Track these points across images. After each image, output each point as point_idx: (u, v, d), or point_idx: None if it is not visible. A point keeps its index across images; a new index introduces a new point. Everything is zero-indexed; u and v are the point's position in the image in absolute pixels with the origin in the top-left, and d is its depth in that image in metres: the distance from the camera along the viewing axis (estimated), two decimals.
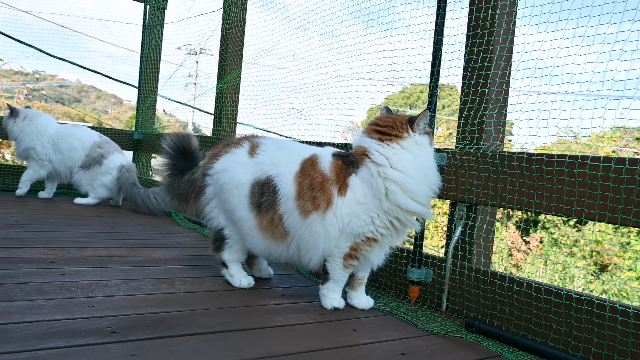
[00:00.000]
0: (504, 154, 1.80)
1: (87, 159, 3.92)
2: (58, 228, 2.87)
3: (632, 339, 1.42)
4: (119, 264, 2.19)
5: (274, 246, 1.88)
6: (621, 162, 1.48)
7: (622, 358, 1.44)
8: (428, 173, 1.77)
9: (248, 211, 1.89)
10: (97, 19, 7.25)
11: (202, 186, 2.06)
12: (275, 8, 3.86)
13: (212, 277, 2.14)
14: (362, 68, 2.69)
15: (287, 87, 3.94)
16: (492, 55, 2.03)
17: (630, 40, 1.65)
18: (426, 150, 1.79)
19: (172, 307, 1.69)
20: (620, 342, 1.45)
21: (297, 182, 1.79)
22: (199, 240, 2.95)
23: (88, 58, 8.08)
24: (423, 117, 1.78)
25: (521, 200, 1.73)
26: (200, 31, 4.69)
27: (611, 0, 1.71)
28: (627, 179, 1.46)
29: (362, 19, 2.79)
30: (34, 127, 3.91)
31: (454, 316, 1.92)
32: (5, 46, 5.66)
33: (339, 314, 1.81)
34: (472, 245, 1.97)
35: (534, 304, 1.66)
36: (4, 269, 1.93)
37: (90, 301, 1.66)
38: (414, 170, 1.73)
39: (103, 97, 45.59)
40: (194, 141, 2.28)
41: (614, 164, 1.49)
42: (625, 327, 1.44)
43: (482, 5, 2.06)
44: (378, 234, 1.77)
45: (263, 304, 1.85)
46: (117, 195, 4.11)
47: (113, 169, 3.96)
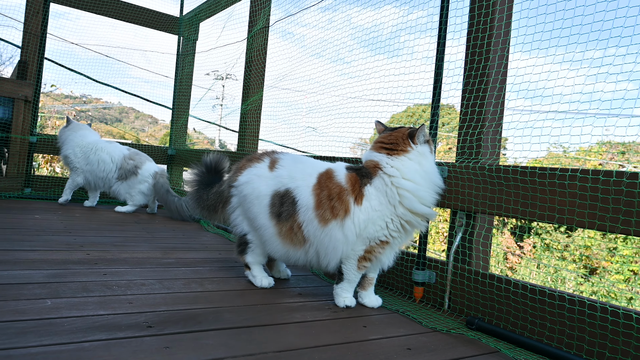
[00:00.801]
0: (500, 167, 1.78)
1: (121, 171, 3.94)
2: (101, 233, 2.90)
3: (622, 338, 1.38)
4: (154, 265, 2.20)
5: (293, 251, 1.87)
6: (608, 175, 1.45)
7: (613, 355, 1.40)
8: (433, 178, 1.80)
9: (268, 219, 1.89)
10: (136, 49, 7.38)
11: (228, 196, 2.07)
12: (293, 38, 3.90)
13: (236, 277, 2.14)
14: (371, 90, 2.70)
15: (303, 107, 3.95)
16: (488, 79, 2.02)
17: (614, 64, 1.63)
18: (428, 158, 1.82)
19: (201, 304, 1.69)
20: (611, 340, 1.41)
21: (315, 193, 1.79)
22: (224, 244, 2.96)
23: (128, 83, 8.22)
24: (421, 130, 1.81)
25: (516, 209, 1.71)
26: (226, 59, 4.74)
27: (597, 28, 1.70)
28: (614, 190, 1.43)
29: (371, 47, 2.80)
30: (73, 138, 3.95)
31: (455, 315, 1.89)
32: (57, 74, 5.78)
33: (350, 312, 1.79)
34: (472, 249, 1.95)
35: (530, 304, 1.63)
36: (54, 269, 1.95)
37: (128, 298, 1.67)
38: (421, 178, 1.76)
39: (141, 117, 46.26)
40: (226, 162, 2.32)
41: (602, 176, 1.47)
42: (615, 327, 1.40)
43: (479, 35, 2.05)
44: (390, 237, 1.78)
45: (282, 302, 1.84)
46: (153, 203, 4.13)
47: (148, 177, 3.97)
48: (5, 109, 4.32)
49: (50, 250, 2.28)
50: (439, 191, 1.82)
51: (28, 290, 1.64)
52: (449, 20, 2.16)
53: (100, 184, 4.00)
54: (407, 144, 1.80)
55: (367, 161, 1.84)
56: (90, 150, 3.92)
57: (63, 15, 6.06)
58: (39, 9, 4.44)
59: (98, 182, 3.98)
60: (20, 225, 2.88)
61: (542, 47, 1.88)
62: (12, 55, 15.30)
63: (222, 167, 2.30)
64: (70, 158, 3.91)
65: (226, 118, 5.68)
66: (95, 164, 3.91)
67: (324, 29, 3.38)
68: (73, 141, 3.93)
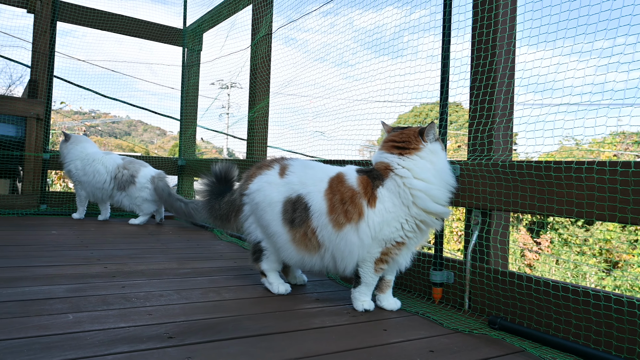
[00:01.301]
0: (514, 163, 1.76)
1: (116, 181, 3.93)
2: (117, 246, 2.92)
3: None
4: (170, 276, 2.21)
5: (308, 257, 1.86)
6: (627, 166, 1.43)
7: None
8: (445, 176, 1.79)
9: (282, 226, 1.88)
10: (142, 63, 7.46)
11: (240, 205, 2.07)
12: (296, 44, 3.91)
13: (252, 285, 2.13)
14: (376, 92, 2.70)
15: (310, 112, 3.95)
16: (496, 74, 2.00)
17: (625, 53, 1.60)
18: (440, 155, 1.81)
19: (219, 313, 1.69)
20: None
21: (327, 198, 1.78)
22: (239, 253, 2.96)
23: (136, 96, 8.31)
24: (431, 128, 1.80)
25: (533, 205, 1.68)
26: (230, 68, 4.77)
27: (605, 17, 1.67)
28: (634, 181, 1.41)
29: (374, 49, 2.79)
30: (74, 151, 3.97)
31: (477, 315, 1.87)
32: (66, 91, 5.87)
33: (369, 316, 1.78)
34: (489, 247, 1.92)
35: (553, 301, 1.60)
36: (74, 283, 1.97)
37: (148, 310, 1.67)
38: (433, 177, 1.75)
39: (149, 130, 46.70)
40: (235, 170, 2.32)
41: (620, 167, 1.44)
42: None
43: (484, 30, 2.04)
44: (406, 238, 1.77)
45: (300, 308, 1.83)
46: (160, 208, 4.13)
47: (146, 182, 3.95)
48: (19, 127, 4.38)
49: (68, 265, 2.30)
50: (451, 189, 1.81)
51: (50, 305, 1.65)
52: (452, 17, 2.14)
53: (99, 195, 4.00)
54: (418, 142, 1.79)
55: (378, 163, 1.83)
56: (88, 162, 3.94)
57: (70, 33, 6.14)
58: (47, 28, 4.50)
59: (96, 192, 3.98)
60: (39, 241, 2.91)
61: (549, 39, 1.86)
62: (22, 75, 15.54)
63: (232, 175, 2.30)
64: (73, 172, 3.94)
65: (233, 126, 5.70)
66: (92, 175, 3.92)
67: (326, 33, 3.39)
68: (74, 154, 3.95)
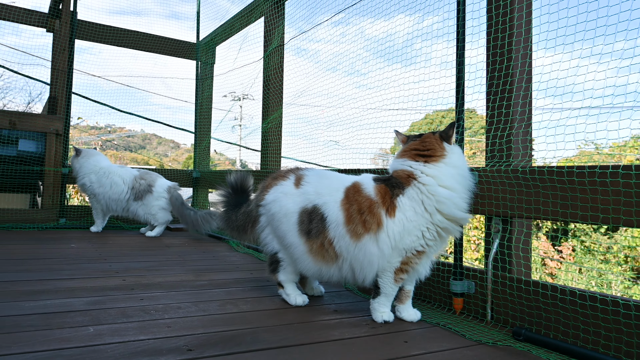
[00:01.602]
0: (534, 169, 1.72)
1: (134, 191, 3.99)
2: (134, 258, 2.93)
3: None
4: (188, 288, 2.21)
5: (326, 268, 1.84)
6: None
7: None
8: (467, 182, 1.77)
9: (298, 237, 1.87)
10: (156, 77, 7.56)
11: (256, 216, 2.06)
12: (308, 54, 3.94)
13: (269, 296, 2.12)
14: (390, 99, 2.68)
15: (322, 122, 3.96)
16: (513, 79, 1.97)
17: None
18: (462, 157, 1.80)
19: (237, 325, 1.68)
20: None
21: (344, 208, 1.76)
22: (255, 264, 2.95)
23: (150, 110, 8.40)
24: (451, 128, 1.79)
25: (555, 211, 1.64)
26: (243, 80, 4.81)
27: (625, 18, 1.64)
28: None
29: (386, 57, 2.79)
30: (87, 165, 4.02)
31: (500, 325, 1.82)
32: (83, 106, 5.98)
33: (389, 327, 1.75)
34: (511, 256, 1.88)
35: (580, 311, 1.55)
36: (94, 296, 1.98)
37: (167, 322, 1.66)
38: (457, 183, 1.73)
39: (163, 143, 47.33)
40: (250, 180, 2.31)
41: None
42: None
43: (499, 35, 2.02)
44: (427, 246, 1.74)
45: (318, 319, 1.81)
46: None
47: (163, 192, 4.03)
48: (39, 143, 4.47)
49: (88, 278, 2.31)
50: (471, 195, 1.79)
51: (70, 318, 1.66)
52: (466, 23, 2.13)
53: (113, 206, 4.04)
54: (442, 149, 1.77)
55: (399, 171, 1.80)
56: (104, 175, 3.99)
57: (87, 50, 6.27)
58: (65, 46, 4.60)
59: (111, 204, 4.02)
60: (59, 254, 2.94)
61: (567, 42, 1.83)
62: (41, 92, 15.94)
63: (247, 185, 2.29)
64: (87, 185, 3.99)
65: (246, 138, 5.74)
66: (108, 187, 3.97)
67: (337, 43, 3.40)
68: (87, 168, 4.01)
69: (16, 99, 19.07)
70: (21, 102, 16.34)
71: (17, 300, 1.85)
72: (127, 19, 5.76)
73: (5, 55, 20.10)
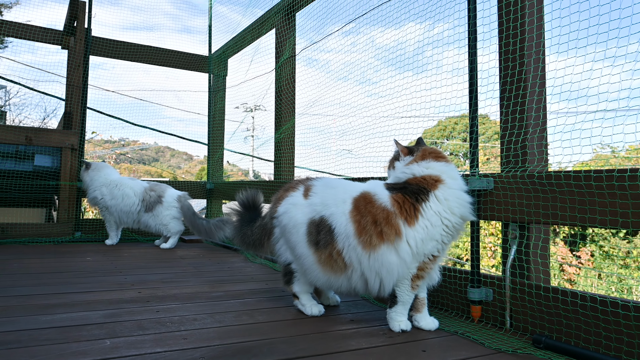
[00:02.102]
0: (551, 174, 1.70)
1: (144, 203, 4.05)
2: (149, 271, 2.95)
3: None
4: (203, 300, 2.21)
5: (334, 278, 1.84)
6: None
7: None
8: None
9: (307, 248, 1.87)
10: (169, 91, 7.68)
11: (271, 228, 2.07)
12: (319, 65, 3.97)
13: (285, 307, 2.11)
14: (402, 107, 2.68)
15: (334, 131, 3.97)
16: (526, 84, 1.96)
17: None
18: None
19: (253, 336, 1.68)
20: None
21: (354, 220, 1.76)
22: (270, 274, 2.95)
23: (163, 123, 8.50)
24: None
25: (573, 216, 1.62)
26: (255, 91, 4.85)
27: (638, 20, 1.63)
28: None
29: (397, 65, 2.79)
30: (97, 178, 4.08)
31: (520, 333, 1.79)
32: (97, 121, 6.09)
33: (406, 336, 1.73)
34: (529, 262, 1.85)
35: (602, 318, 1.52)
36: (110, 309, 1.99)
37: (183, 334, 1.67)
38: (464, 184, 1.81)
39: (176, 155, 47.87)
40: (260, 196, 2.33)
41: None
42: None
43: (510, 40, 2.01)
44: (441, 250, 1.76)
45: (335, 329, 1.80)
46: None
47: (173, 201, 4.09)
48: (54, 158, 4.55)
49: (104, 291, 2.33)
50: None
51: (87, 331, 1.67)
52: (477, 29, 2.13)
53: (125, 218, 4.10)
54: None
55: (425, 176, 1.78)
56: (115, 187, 4.05)
57: (100, 66, 6.39)
58: (80, 62, 4.70)
59: (122, 216, 4.08)
60: (75, 267, 2.97)
61: (580, 45, 1.82)
62: (56, 108, 16.27)
63: (258, 202, 2.32)
64: (99, 198, 4.05)
65: (258, 149, 5.78)
66: (120, 199, 4.03)
67: (348, 53, 3.42)
68: (98, 181, 4.07)
69: (31, 115, 19.50)
70: (36, 118, 16.69)
71: (34, 314, 1.88)
72: (140, 34, 5.87)
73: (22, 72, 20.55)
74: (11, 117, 14.23)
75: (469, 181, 1.98)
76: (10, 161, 4.43)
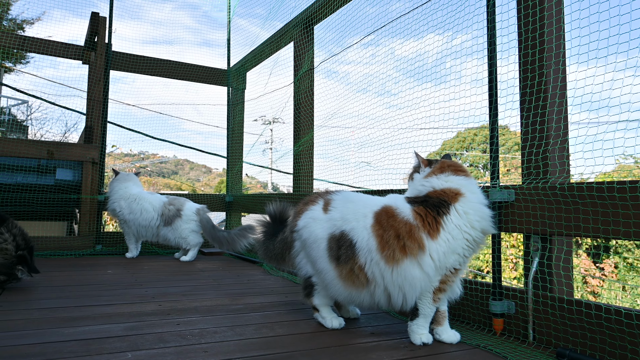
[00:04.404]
0: (573, 185, 1.71)
1: (164, 217, 4.10)
2: (170, 284, 3.01)
3: None
4: (223, 312, 2.25)
5: (356, 293, 1.85)
6: None
7: None
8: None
9: (328, 263, 1.89)
10: (188, 104, 7.83)
11: (291, 241, 2.11)
12: (338, 77, 4.01)
13: (305, 319, 2.14)
14: (421, 119, 2.71)
15: (353, 143, 4.00)
16: (546, 94, 1.98)
17: None
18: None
19: (274, 349, 1.70)
20: None
21: (376, 234, 1.77)
22: (290, 287, 2.98)
23: (182, 136, 8.70)
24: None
25: (597, 228, 1.62)
26: (273, 104, 4.92)
27: None
28: None
29: (417, 76, 2.82)
30: (118, 190, 4.14)
31: (543, 347, 1.78)
32: (117, 134, 6.24)
33: (428, 350, 1.74)
34: (552, 274, 1.85)
35: (627, 331, 1.51)
36: (131, 322, 2.04)
37: (203, 347, 1.70)
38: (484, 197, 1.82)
39: (195, 168, 48.52)
40: (290, 210, 2.35)
41: None
42: None
43: (529, 51, 2.03)
44: (463, 264, 1.77)
45: (355, 342, 1.82)
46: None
47: (192, 215, 4.14)
48: (75, 172, 4.68)
49: (125, 304, 2.39)
50: None
51: (109, 344, 1.72)
52: (497, 40, 2.15)
53: (143, 232, 4.16)
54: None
55: (445, 189, 1.81)
56: (134, 201, 4.11)
57: (120, 80, 6.59)
58: (100, 77, 4.85)
59: (141, 230, 4.14)
60: (96, 280, 3.05)
61: (601, 55, 1.83)
62: (77, 122, 16.72)
63: (287, 216, 2.34)
64: (117, 210, 4.12)
65: (277, 161, 5.86)
66: (139, 213, 4.08)
67: (368, 64, 3.46)
68: (118, 194, 4.13)
69: (53, 129, 20.05)
70: (58, 132, 17.17)
71: (58, 326, 1.93)
72: (160, 48, 6.03)
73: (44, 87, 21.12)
74: (33, 132, 14.67)
75: (489, 193, 1.99)
76: (32, 175, 4.56)
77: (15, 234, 2.64)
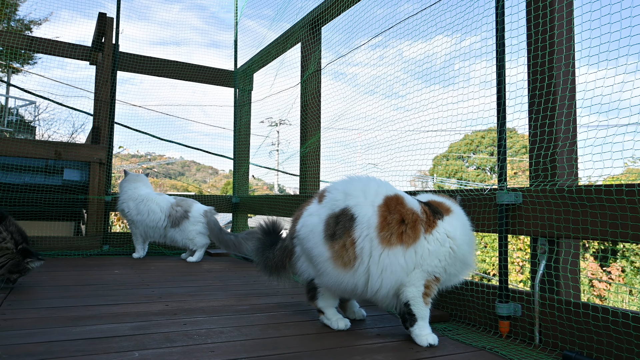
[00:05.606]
0: (581, 188, 1.71)
1: (171, 218, 4.13)
2: (176, 284, 3.04)
3: None
4: (230, 313, 2.27)
5: (342, 274, 1.85)
6: None
7: None
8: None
9: (323, 244, 1.89)
10: (195, 105, 7.90)
11: (292, 248, 2.12)
12: (346, 78, 4.02)
13: (311, 320, 2.15)
14: (429, 121, 2.72)
15: (359, 145, 4.02)
16: (555, 97, 1.98)
17: None
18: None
19: (280, 349, 1.72)
20: None
21: (381, 214, 1.83)
22: (295, 288, 2.99)
23: (189, 138, 8.75)
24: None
25: (604, 231, 1.62)
26: (280, 105, 4.95)
27: None
28: None
29: (424, 78, 2.83)
30: (127, 190, 4.18)
31: (549, 349, 1.78)
32: (124, 135, 6.30)
33: (434, 351, 1.75)
34: (559, 277, 1.85)
35: (634, 334, 1.51)
36: (138, 321, 2.07)
37: (210, 347, 1.73)
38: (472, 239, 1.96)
39: (202, 170, 48.75)
40: (282, 223, 2.43)
41: None
42: None
43: (539, 53, 2.03)
44: (443, 275, 1.85)
45: (361, 343, 1.83)
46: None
47: (199, 216, 4.17)
48: (83, 172, 4.73)
49: (131, 304, 2.42)
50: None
51: (116, 343, 1.74)
52: (505, 41, 2.16)
53: (151, 233, 4.20)
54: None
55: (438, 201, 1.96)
56: (141, 202, 4.14)
57: (128, 81, 6.65)
58: (107, 78, 4.90)
59: (149, 231, 4.18)
60: (103, 280, 3.09)
61: (611, 57, 1.83)
62: (84, 123, 16.90)
63: (279, 228, 2.40)
64: (126, 211, 4.16)
65: (283, 163, 5.89)
66: (146, 214, 4.12)
67: (375, 66, 3.47)
68: (126, 194, 4.17)
69: (60, 130, 20.26)
70: (65, 132, 17.35)
71: (65, 325, 1.96)
72: (168, 49, 6.08)
73: (51, 88, 21.33)
74: (40, 132, 14.84)
75: (496, 195, 2.00)
76: (40, 175, 4.62)
77: (13, 232, 2.69)
